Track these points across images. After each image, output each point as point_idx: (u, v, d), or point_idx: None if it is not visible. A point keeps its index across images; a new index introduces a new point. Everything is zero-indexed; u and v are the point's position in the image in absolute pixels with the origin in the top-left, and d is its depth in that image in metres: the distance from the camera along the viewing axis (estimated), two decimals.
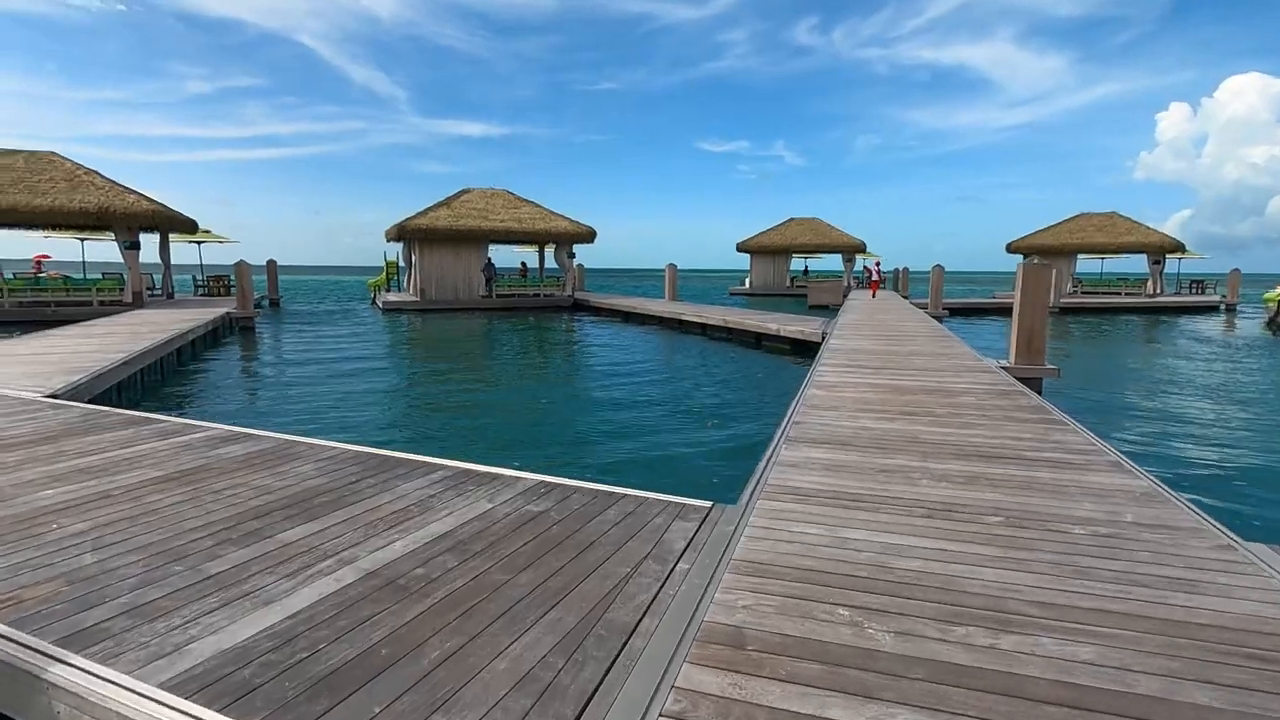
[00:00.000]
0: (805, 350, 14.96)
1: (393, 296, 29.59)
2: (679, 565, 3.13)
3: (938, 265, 22.85)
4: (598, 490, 4.15)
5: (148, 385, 10.51)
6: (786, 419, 6.10)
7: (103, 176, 21.88)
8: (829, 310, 24.88)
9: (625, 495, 4.07)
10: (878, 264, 28.74)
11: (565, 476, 4.42)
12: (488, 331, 20.92)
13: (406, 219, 27.21)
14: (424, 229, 26.90)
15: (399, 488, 4.14)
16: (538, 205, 30.51)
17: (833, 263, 44.44)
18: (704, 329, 19.62)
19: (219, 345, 16.42)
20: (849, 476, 4.37)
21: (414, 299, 27.68)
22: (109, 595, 2.74)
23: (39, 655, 2.32)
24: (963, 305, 27.89)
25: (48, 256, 33.89)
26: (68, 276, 24.90)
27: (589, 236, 29.88)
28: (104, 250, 30.46)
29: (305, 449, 4.97)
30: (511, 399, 10.47)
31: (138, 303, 21.27)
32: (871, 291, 28.00)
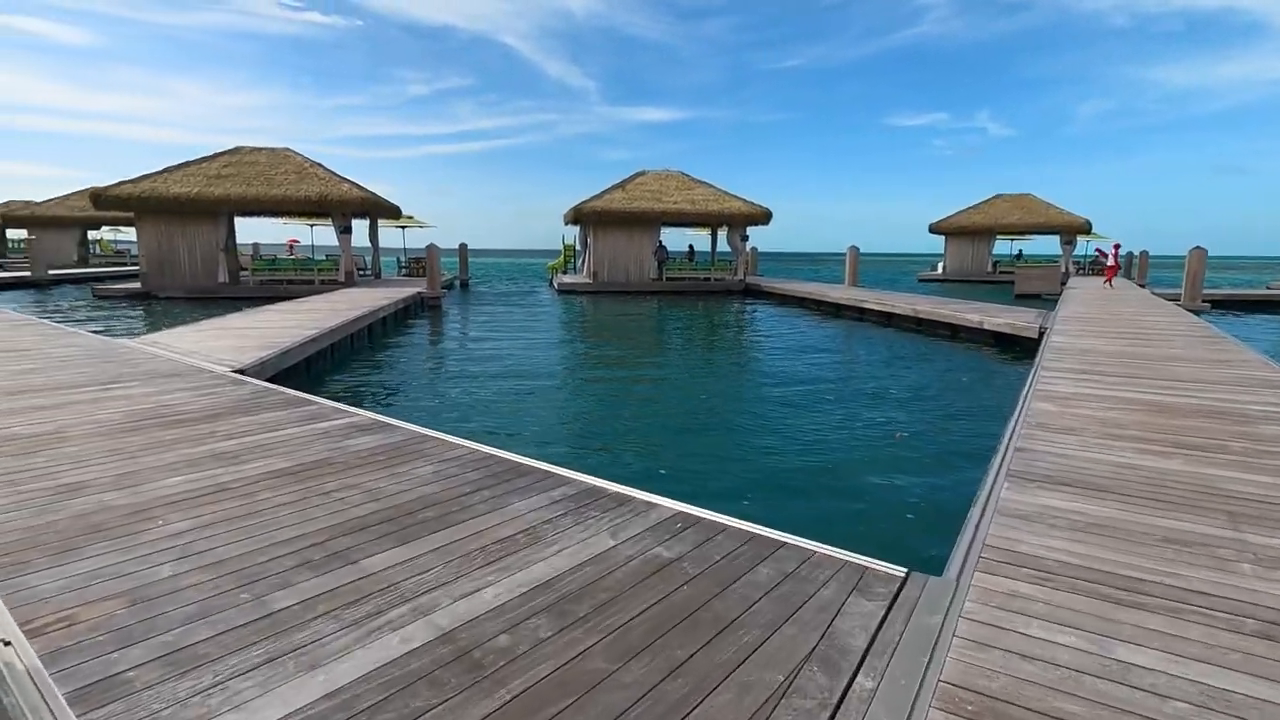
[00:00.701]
0: (1013, 347, 12.69)
1: (567, 279, 30.37)
2: (857, 681, 2.14)
3: (1197, 247, 18.59)
4: (750, 534, 3.23)
5: (336, 360, 11.23)
6: (1005, 443, 4.72)
7: (325, 169, 24.52)
8: (1041, 300, 21.44)
9: (785, 545, 3.11)
10: (1116, 247, 24.28)
11: (711, 508, 3.54)
12: (656, 316, 20.52)
13: (582, 202, 27.66)
14: (598, 211, 27.16)
15: (513, 505, 3.52)
16: (711, 186, 29.62)
17: (1045, 246, 38.80)
18: (890, 319, 17.62)
19: (407, 323, 17.57)
20: (1114, 545, 3.05)
21: (587, 281, 28.15)
22: (158, 628, 2.35)
23: (41, 710, 1.91)
24: (1227, 297, 22.69)
25: (298, 241, 39.28)
26: (309, 258, 28.48)
27: (764, 218, 28.46)
28: (330, 234, 34.48)
29: (432, 446, 4.57)
30: (669, 394, 9.75)
31: (349, 281, 23.62)
32: (1106, 279, 23.75)
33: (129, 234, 42.16)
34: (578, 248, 33.47)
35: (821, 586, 2.73)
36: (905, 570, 2.86)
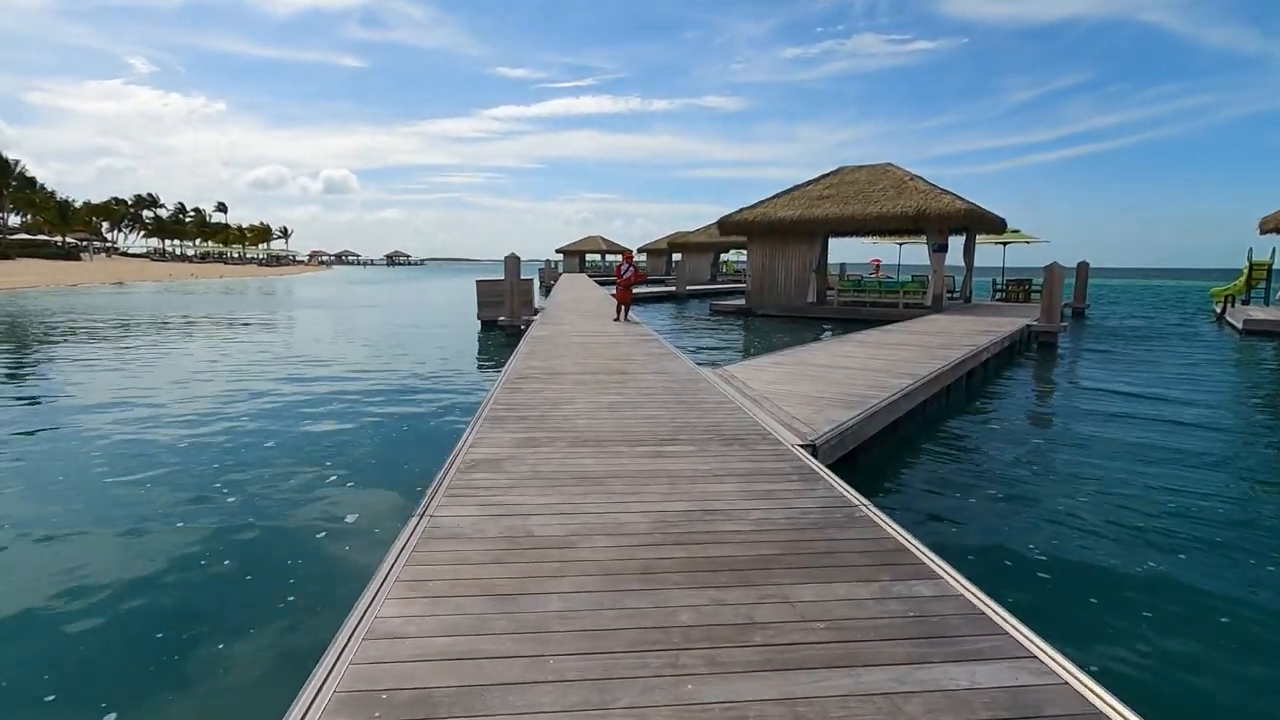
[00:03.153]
0: None
1: (1259, 313, 20.60)
2: None
3: None
4: None
5: (927, 419, 8.49)
6: None
7: (925, 181, 22.24)
8: None
9: None
10: None
11: None
12: None
13: None
14: None
15: None
16: None
17: None
18: None
19: (1013, 366, 13.64)
20: None
21: None
22: None
23: None
24: None
25: (881, 261, 39.03)
26: (892, 278, 27.22)
27: None
28: (910, 254, 32.38)
29: None
30: None
31: (936, 306, 20.80)
32: None
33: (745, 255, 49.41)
34: (1277, 266, 22.74)
35: None
36: None
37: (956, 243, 24.49)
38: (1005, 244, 27.28)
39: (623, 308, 15.38)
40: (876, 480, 6.12)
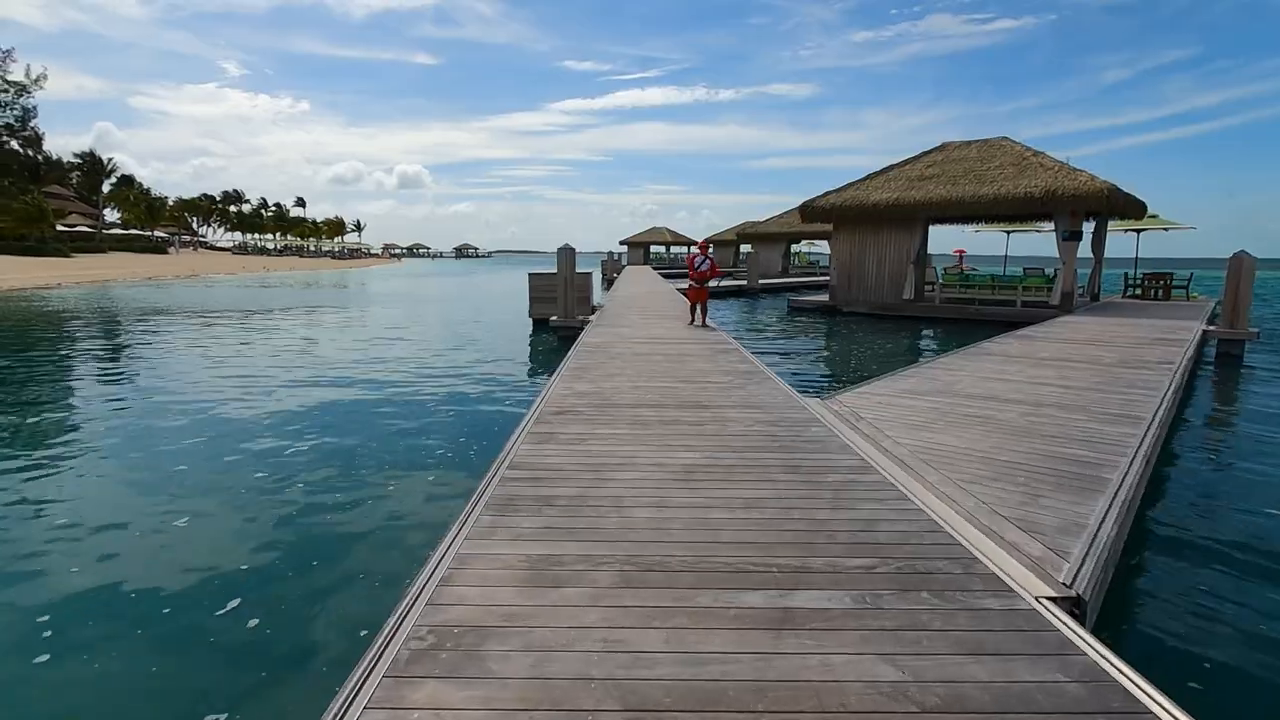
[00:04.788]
0: None
1: None
2: None
3: None
4: None
5: (1153, 492, 5.80)
6: None
7: (1050, 157, 18.88)
8: None
9: None
10: None
11: None
12: None
13: None
14: None
15: None
16: None
17: None
18: None
19: (1200, 389, 10.56)
20: None
21: None
22: None
23: None
24: None
25: (965, 251, 35.28)
26: (972, 270, 23.86)
27: None
28: (1018, 243, 28.60)
29: None
30: None
31: (1065, 305, 17.51)
32: None
33: (820, 246, 46.07)
34: None
35: None
36: None
37: (1085, 230, 20.94)
38: (1140, 231, 23.28)
39: (697, 308, 13.00)
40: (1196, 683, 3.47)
